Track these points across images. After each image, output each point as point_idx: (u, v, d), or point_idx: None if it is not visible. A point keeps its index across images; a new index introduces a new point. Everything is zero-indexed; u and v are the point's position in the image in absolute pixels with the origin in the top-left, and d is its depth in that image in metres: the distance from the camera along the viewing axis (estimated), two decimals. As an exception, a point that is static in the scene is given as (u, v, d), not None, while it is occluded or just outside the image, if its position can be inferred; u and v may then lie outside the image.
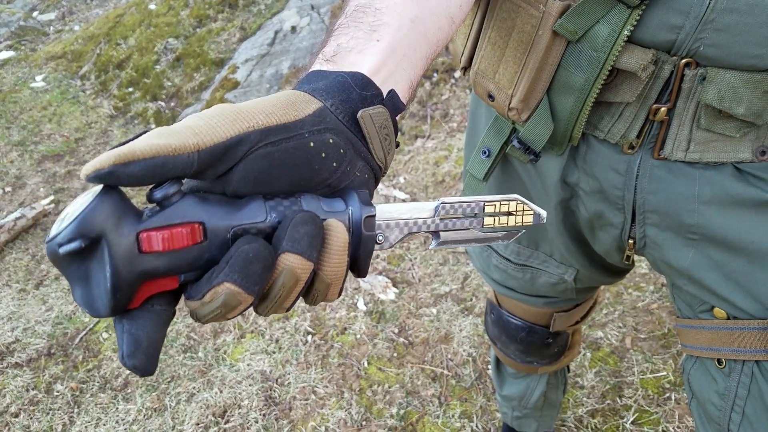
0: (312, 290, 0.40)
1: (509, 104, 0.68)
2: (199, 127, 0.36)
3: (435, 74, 3.15)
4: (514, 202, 0.48)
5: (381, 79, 0.45)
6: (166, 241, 0.34)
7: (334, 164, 0.41)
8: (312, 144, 0.40)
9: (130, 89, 3.82)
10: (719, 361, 0.72)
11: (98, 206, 0.33)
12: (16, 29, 4.96)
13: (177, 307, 0.38)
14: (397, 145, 0.48)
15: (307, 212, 0.38)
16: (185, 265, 0.35)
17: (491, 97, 0.71)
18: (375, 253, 2.21)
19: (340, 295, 0.42)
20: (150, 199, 0.36)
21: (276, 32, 3.76)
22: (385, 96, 0.45)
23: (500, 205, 0.48)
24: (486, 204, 0.47)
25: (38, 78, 4.14)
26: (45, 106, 3.78)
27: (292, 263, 0.36)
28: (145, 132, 0.35)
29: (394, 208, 0.44)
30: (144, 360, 0.34)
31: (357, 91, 0.43)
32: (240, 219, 0.37)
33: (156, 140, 0.33)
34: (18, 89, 4.02)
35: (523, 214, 0.49)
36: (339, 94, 0.43)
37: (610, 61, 0.60)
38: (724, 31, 0.55)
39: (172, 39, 4.05)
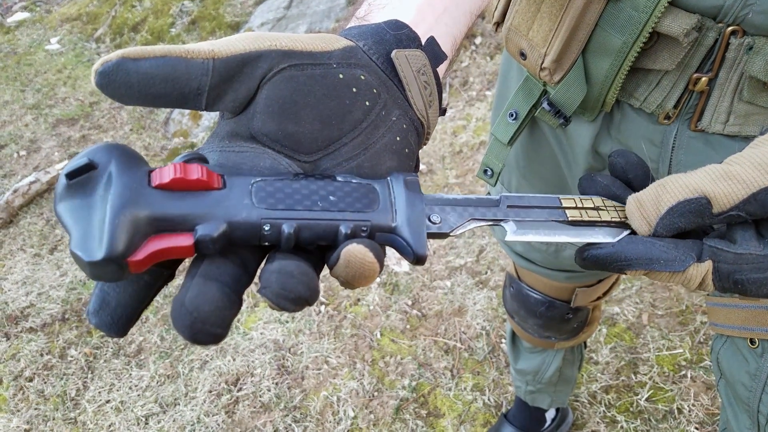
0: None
1: (542, 64, 0.64)
2: (217, 41, 0.34)
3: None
4: (599, 198, 0.40)
5: (419, 33, 0.42)
6: (178, 170, 0.30)
7: (367, 103, 0.37)
8: (341, 76, 0.36)
9: (145, 54, 3.79)
10: (752, 341, 0.70)
11: (110, 145, 0.31)
12: (30, -9, 4.92)
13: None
14: (444, 113, 0.44)
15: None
16: (200, 214, 0.31)
17: (523, 55, 0.67)
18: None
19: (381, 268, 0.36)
20: None
21: (292, -4, 3.69)
22: (424, 42, 0.41)
23: (581, 200, 0.39)
24: (562, 199, 0.39)
25: (53, 40, 4.11)
26: (60, 69, 3.76)
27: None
28: None
29: (447, 196, 0.38)
30: (109, 321, 0.32)
31: (391, 32, 0.40)
32: (263, 175, 0.34)
33: (169, 45, 0.32)
34: (33, 52, 4.00)
35: (616, 209, 0.39)
36: (372, 36, 0.39)
37: (650, 24, 0.56)
38: None
39: (187, 1, 3.99)
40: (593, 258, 0.37)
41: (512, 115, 0.74)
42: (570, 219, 0.38)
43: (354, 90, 0.37)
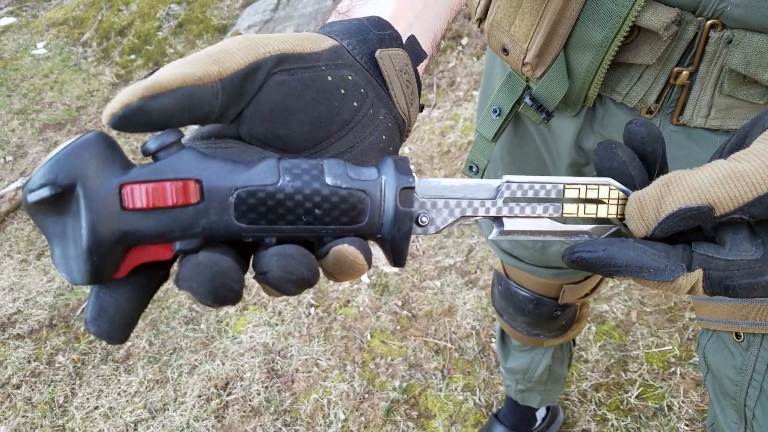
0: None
1: (524, 59, 0.64)
2: (217, 54, 0.33)
3: (442, 41, 3.09)
4: (606, 187, 0.37)
5: (399, 30, 0.42)
6: (151, 196, 0.29)
7: (355, 104, 0.38)
8: (330, 78, 0.36)
9: (132, 56, 3.77)
10: (737, 335, 0.70)
11: (78, 149, 0.29)
12: (16, -4, 4.88)
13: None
14: (422, 109, 0.44)
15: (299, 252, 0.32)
16: (178, 230, 0.30)
17: (505, 50, 0.67)
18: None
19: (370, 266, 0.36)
20: (144, 151, 0.31)
21: (280, -1, 3.68)
22: (405, 41, 0.42)
23: (586, 189, 0.37)
24: (567, 186, 0.37)
25: (39, 45, 4.08)
26: (46, 73, 3.73)
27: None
28: (157, 68, 0.31)
29: (443, 183, 0.36)
30: (108, 328, 0.30)
31: (374, 32, 0.40)
32: (246, 180, 0.31)
33: (179, 69, 0.30)
34: (19, 56, 3.97)
35: (617, 204, 0.37)
36: (356, 35, 0.40)
37: (631, 18, 0.56)
38: None
39: (174, 5, 3.98)
40: (581, 261, 0.36)
41: (496, 111, 0.74)
42: (564, 214, 0.37)
43: (342, 92, 0.37)
